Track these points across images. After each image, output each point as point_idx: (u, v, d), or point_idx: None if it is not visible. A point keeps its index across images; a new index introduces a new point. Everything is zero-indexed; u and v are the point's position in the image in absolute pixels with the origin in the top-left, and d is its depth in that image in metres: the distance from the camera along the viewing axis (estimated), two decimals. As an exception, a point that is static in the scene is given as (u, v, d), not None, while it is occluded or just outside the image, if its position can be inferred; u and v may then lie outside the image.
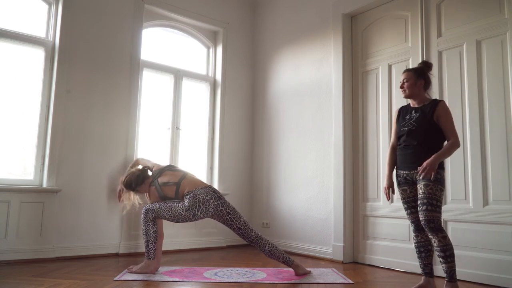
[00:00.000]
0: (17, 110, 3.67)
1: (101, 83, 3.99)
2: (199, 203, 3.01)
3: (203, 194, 3.05)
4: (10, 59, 3.67)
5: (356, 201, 3.88)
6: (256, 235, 3.07)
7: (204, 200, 3.02)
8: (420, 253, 2.61)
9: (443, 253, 2.40)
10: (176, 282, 2.82)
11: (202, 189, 3.09)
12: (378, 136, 3.75)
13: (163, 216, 3.05)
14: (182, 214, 3.01)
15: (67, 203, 3.69)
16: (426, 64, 2.74)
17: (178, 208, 3.02)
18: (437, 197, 2.46)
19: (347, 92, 3.98)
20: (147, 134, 4.39)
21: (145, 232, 3.07)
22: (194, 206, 3.00)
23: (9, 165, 3.61)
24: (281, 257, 3.06)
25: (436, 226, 2.43)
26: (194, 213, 3.00)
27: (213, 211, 3.06)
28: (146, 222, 3.07)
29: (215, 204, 3.06)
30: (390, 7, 3.76)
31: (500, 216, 2.89)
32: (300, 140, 4.39)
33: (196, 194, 3.04)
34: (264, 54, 5.03)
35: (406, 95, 2.72)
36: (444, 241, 2.41)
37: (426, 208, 2.45)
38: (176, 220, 3.04)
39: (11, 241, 3.38)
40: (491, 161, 2.99)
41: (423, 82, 2.68)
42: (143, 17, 4.34)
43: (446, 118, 2.56)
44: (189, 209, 3.00)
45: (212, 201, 3.05)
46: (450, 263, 2.40)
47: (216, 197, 3.09)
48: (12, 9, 3.72)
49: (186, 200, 3.04)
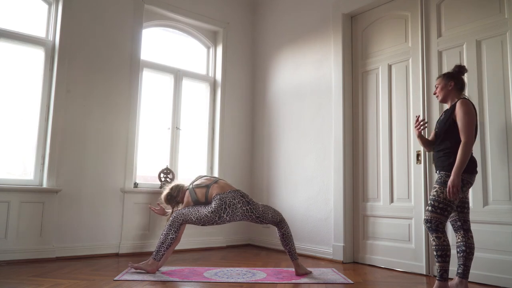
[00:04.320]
0: (17, 110, 3.67)
1: (101, 83, 3.99)
2: (225, 205, 2.99)
3: (231, 197, 3.03)
4: (10, 59, 3.67)
5: (356, 201, 3.88)
6: (281, 219, 3.17)
7: (231, 204, 3.00)
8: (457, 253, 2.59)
9: (435, 252, 2.45)
10: (176, 282, 2.82)
11: (230, 192, 3.07)
12: (378, 136, 3.75)
13: (190, 219, 3.04)
14: (208, 216, 2.99)
15: (67, 203, 3.69)
16: (459, 68, 2.70)
17: (205, 210, 3.01)
18: (441, 199, 2.47)
19: (347, 92, 3.98)
20: (147, 134, 4.39)
21: (164, 234, 3.06)
22: (220, 208, 2.98)
23: (9, 165, 3.61)
24: (293, 247, 3.12)
25: (433, 226, 2.46)
26: (220, 215, 2.98)
27: (241, 216, 3.03)
28: (171, 226, 3.06)
29: (244, 209, 3.03)
30: (390, 7, 3.76)
31: (500, 216, 2.89)
32: (300, 140, 4.39)
33: (223, 197, 3.02)
34: (264, 54, 5.03)
35: (439, 99, 2.74)
36: (437, 241, 2.44)
37: (427, 209, 2.52)
38: (202, 222, 3.02)
39: (11, 241, 3.38)
40: (491, 161, 2.99)
41: (453, 84, 2.66)
42: (143, 17, 4.34)
43: (460, 116, 2.51)
44: (215, 211, 2.98)
45: (240, 205, 3.02)
46: (440, 262, 2.44)
47: (244, 202, 3.05)
48: (12, 9, 3.72)
49: (213, 202, 3.03)
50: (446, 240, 2.45)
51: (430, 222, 2.47)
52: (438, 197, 2.48)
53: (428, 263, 3.26)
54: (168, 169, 4.38)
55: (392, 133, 3.65)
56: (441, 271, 2.44)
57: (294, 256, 3.13)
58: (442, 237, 2.44)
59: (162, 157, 4.47)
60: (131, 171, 4.09)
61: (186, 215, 3.06)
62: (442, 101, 2.73)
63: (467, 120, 2.49)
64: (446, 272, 2.44)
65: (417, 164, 3.40)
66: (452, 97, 2.67)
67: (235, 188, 3.16)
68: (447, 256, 2.43)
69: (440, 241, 2.44)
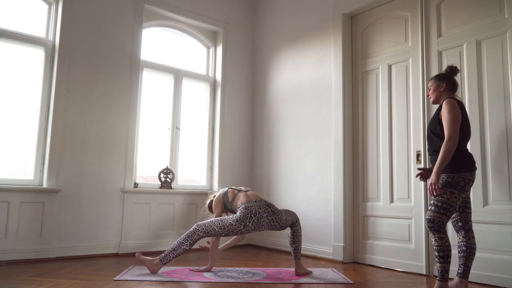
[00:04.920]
0: (17, 110, 3.67)
1: (101, 83, 3.99)
2: (251, 214, 2.96)
3: (256, 206, 3.00)
4: (10, 59, 3.67)
5: (356, 201, 3.88)
6: (297, 219, 3.23)
7: (257, 213, 2.97)
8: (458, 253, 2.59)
9: (437, 253, 2.45)
10: (176, 282, 2.82)
11: (255, 202, 3.05)
12: (378, 136, 3.75)
13: (213, 230, 2.98)
14: (232, 225, 2.95)
15: (67, 203, 3.69)
16: (451, 68, 2.72)
17: (229, 219, 2.98)
18: (443, 200, 2.47)
19: (347, 92, 3.98)
20: (147, 134, 4.39)
21: (179, 243, 3.01)
22: (245, 217, 2.95)
23: (9, 165, 3.61)
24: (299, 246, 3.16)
25: (435, 226, 2.45)
26: (245, 223, 2.94)
27: (267, 225, 3.02)
28: (188, 237, 3.01)
29: (269, 219, 3.00)
30: (390, 7, 3.76)
31: (500, 216, 2.89)
32: (300, 140, 4.39)
33: (249, 206, 3.00)
34: (264, 54, 5.03)
35: (432, 101, 2.75)
36: (439, 242, 2.44)
37: (430, 208, 2.52)
38: (226, 232, 2.97)
39: (11, 241, 3.38)
40: (491, 161, 2.99)
41: (445, 85, 2.67)
42: (143, 17, 4.34)
43: (444, 115, 2.53)
44: (240, 219, 2.95)
45: (265, 215, 2.99)
46: (442, 263, 2.43)
47: (270, 211, 3.02)
48: (12, 9, 3.72)
49: (238, 211, 3.02)
50: (447, 241, 2.45)
51: (433, 222, 2.46)
52: (442, 197, 2.48)
53: (428, 263, 3.26)
54: (168, 169, 4.38)
55: (392, 133, 3.65)
56: (442, 271, 2.44)
57: (297, 256, 3.14)
58: (444, 238, 2.44)
59: (162, 157, 4.47)
60: (131, 171, 4.09)
61: (208, 226, 2.99)
62: (434, 102, 2.74)
63: (450, 118, 2.50)
64: (447, 273, 2.44)
65: (417, 164, 3.40)
66: (444, 98, 2.67)
67: (261, 198, 3.14)
68: (448, 257, 2.43)
69: (442, 242, 2.43)
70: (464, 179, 2.49)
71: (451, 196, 2.47)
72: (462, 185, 2.48)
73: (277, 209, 3.09)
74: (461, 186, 2.48)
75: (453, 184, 2.48)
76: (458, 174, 2.49)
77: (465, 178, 2.49)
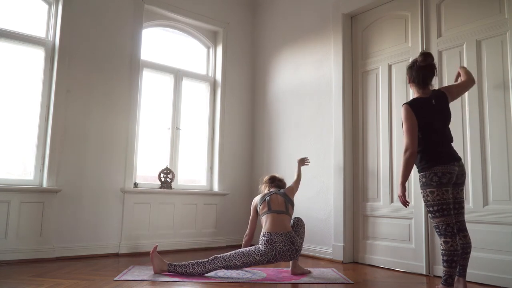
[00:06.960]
0: (17, 110, 3.67)
1: (101, 83, 3.99)
2: (275, 251, 2.90)
3: (281, 243, 2.92)
4: (10, 59, 3.67)
5: (356, 201, 3.88)
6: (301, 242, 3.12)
7: (281, 251, 2.91)
8: None
9: (442, 256, 2.39)
10: (176, 282, 2.82)
11: (281, 235, 2.94)
12: (378, 136, 3.75)
13: (234, 264, 2.91)
14: (256, 259, 2.90)
15: (67, 203, 3.69)
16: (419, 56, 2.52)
17: (253, 253, 2.92)
18: (430, 202, 2.42)
19: (347, 92, 3.98)
20: (147, 134, 4.39)
21: (193, 264, 2.96)
22: (270, 253, 2.90)
23: (9, 165, 3.61)
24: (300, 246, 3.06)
25: (441, 231, 2.39)
26: (268, 259, 2.91)
27: (288, 259, 2.99)
28: (207, 264, 2.95)
29: (291, 256, 2.97)
30: (390, 7, 3.76)
31: (500, 216, 2.89)
32: (300, 140, 4.39)
33: (274, 241, 2.92)
34: (264, 54, 5.03)
35: None
36: (444, 246, 2.38)
37: (429, 216, 2.51)
38: (248, 265, 2.93)
39: (11, 241, 3.38)
40: (491, 161, 2.99)
41: (410, 79, 2.59)
42: (143, 17, 4.34)
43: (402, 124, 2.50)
44: (264, 254, 2.90)
45: (289, 254, 2.94)
46: (446, 267, 2.37)
47: (293, 250, 2.94)
48: (12, 9, 3.72)
49: (262, 245, 2.93)
50: (453, 245, 2.35)
51: (438, 227, 2.40)
52: (427, 201, 2.43)
53: (428, 263, 3.26)
54: (168, 169, 4.38)
55: (392, 133, 3.65)
56: (445, 275, 2.37)
57: None
58: (450, 242, 2.36)
59: (162, 157, 4.47)
60: (131, 171, 4.09)
61: (229, 260, 2.92)
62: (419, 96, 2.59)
63: (405, 128, 2.47)
64: (450, 277, 2.36)
65: (417, 164, 3.40)
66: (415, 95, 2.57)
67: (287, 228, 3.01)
68: (453, 262, 2.35)
69: (448, 246, 2.36)
70: (436, 174, 2.38)
71: (433, 195, 2.39)
72: (436, 180, 2.38)
73: (297, 239, 3.01)
74: (436, 181, 2.38)
75: (427, 182, 2.42)
76: (429, 171, 2.41)
77: (437, 172, 2.38)
